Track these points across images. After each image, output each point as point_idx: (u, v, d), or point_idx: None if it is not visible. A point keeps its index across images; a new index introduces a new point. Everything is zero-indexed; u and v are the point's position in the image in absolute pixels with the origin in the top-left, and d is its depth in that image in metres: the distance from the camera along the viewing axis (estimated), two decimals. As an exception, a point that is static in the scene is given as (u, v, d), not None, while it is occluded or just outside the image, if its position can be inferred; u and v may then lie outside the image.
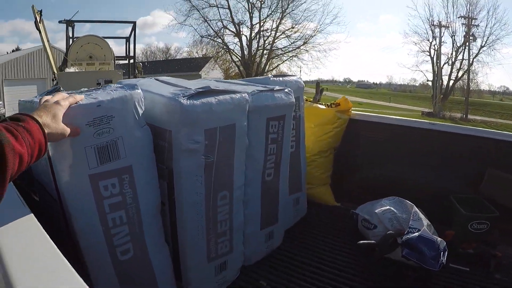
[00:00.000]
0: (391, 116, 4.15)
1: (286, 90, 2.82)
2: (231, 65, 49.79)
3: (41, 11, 8.93)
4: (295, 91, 3.21)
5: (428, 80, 49.00)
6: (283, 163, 2.97)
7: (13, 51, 50.51)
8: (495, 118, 43.76)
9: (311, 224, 3.65)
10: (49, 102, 1.56)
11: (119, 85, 2.05)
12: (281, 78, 3.25)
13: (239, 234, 2.72)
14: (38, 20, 8.83)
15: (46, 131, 1.36)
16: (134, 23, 11.41)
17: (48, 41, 9.28)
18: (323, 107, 4.15)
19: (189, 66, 48.50)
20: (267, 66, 44.42)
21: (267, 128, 2.71)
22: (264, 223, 2.94)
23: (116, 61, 11.31)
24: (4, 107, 26.90)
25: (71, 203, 1.90)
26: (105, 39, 10.28)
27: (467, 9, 42.91)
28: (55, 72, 8.62)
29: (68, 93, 1.82)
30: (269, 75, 3.26)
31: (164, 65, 54.33)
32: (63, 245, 1.71)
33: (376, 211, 3.11)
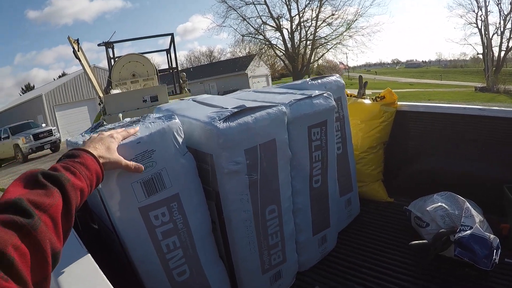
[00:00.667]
0: (437, 104, 4.01)
1: (325, 94, 2.78)
2: (276, 60, 49.86)
3: (78, 40, 9.11)
4: (335, 91, 3.19)
5: (478, 53, 47.78)
6: (330, 168, 2.94)
7: (59, 77, 52.13)
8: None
9: (365, 223, 3.60)
10: (104, 135, 1.67)
11: (157, 116, 2.12)
12: (319, 81, 3.19)
13: (291, 243, 2.71)
14: (77, 49, 9.01)
15: (101, 160, 1.48)
16: (172, 34, 11.52)
17: (89, 66, 9.49)
18: (368, 101, 4.08)
19: (234, 66, 48.95)
20: (313, 56, 44.19)
21: (309, 136, 2.67)
22: (316, 229, 2.93)
23: (161, 74, 11.46)
24: (59, 131, 27.69)
25: (125, 235, 2.00)
26: (146, 55, 10.44)
27: (511, -28, 41.37)
28: (101, 96, 8.78)
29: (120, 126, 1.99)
30: (307, 79, 3.22)
31: (209, 68, 55.02)
32: (125, 270, 1.99)
33: (427, 208, 3.02)
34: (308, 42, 43.18)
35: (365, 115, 3.98)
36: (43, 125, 27.80)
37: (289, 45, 43.41)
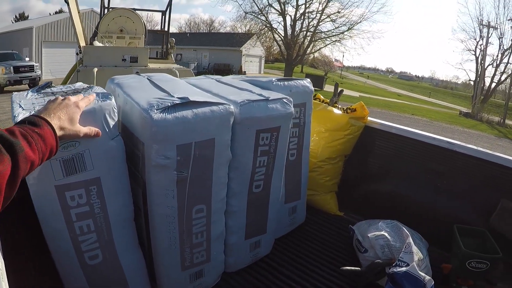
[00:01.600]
0: (410, 129, 3.91)
1: (284, 99, 2.65)
2: (273, 43, 49.82)
3: None
4: (301, 96, 3.10)
5: (470, 80, 48.38)
6: (276, 175, 2.83)
7: (56, 12, 51.09)
8: (535, 126, 42.88)
9: (307, 234, 3.51)
10: (69, 102, 1.63)
11: (96, 92, 2.07)
12: (285, 83, 3.06)
13: (218, 244, 2.63)
14: None
15: (60, 133, 1.48)
16: (171, -4, 11.26)
17: (78, 12, 9.18)
18: (338, 111, 3.95)
19: (230, 41, 48.77)
20: (310, 48, 44.17)
21: (256, 141, 2.55)
22: (249, 233, 2.84)
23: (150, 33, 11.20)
24: (41, 69, 27.14)
25: (40, 210, 1.97)
26: (139, 12, 10.18)
27: (518, 12, 41.83)
28: (81, 45, 8.54)
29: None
30: (273, 78, 3.07)
31: (206, 37, 54.71)
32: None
33: (369, 234, 2.97)
34: (308, 33, 43.02)
35: (331, 124, 3.87)
36: (27, 59, 27.21)
37: (289, 32, 43.23)
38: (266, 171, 2.72)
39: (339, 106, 4.05)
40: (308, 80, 3.29)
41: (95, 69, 6.84)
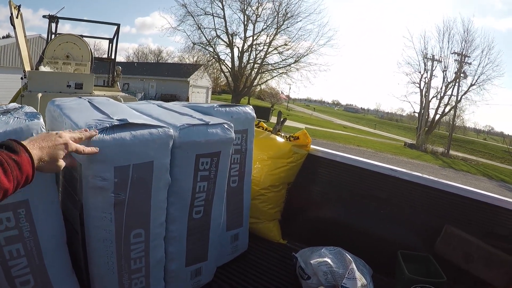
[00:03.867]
0: (352, 156, 3.97)
1: (224, 124, 2.65)
2: (220, 75, 50.12)
3: (19, 7, 8.69)
4: (242, 123, 3.10)
5: (415, 112, 49.70)
6: (217, 201, 2.80)
7: (3, 37, 50.04)
8: (477, 156, 44.51)
9: (250, 262, 3.48)
10: (59, 140, 1.58)
11: (25, 112, 2.04)
12: (227, 109, 3.07)
13: (158, 270, 2.56)
14: (15, 16, 8.58)
15: (39, 164, 1.44)
16: (118, 25, 11.19)
17: (25, 36, 9.02)
18: (281, 139, 3.98)
19: (178, 72, 48.75)
20: (257, 80, 44.65)
21: (196, 165, 2.53)
22: (190, 260, 2.78)
23: (96, 61, 11.09)
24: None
25: None
26: (86, 39, 10.06)
27: (461, 46, 43.97)
28: (26, 69, 8.38)
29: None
30: (214, 104, 3.07)
31: (154, 67, 54.49)
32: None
33: (312, 261, 2.96)
34: (256, 65, 43.56)
35: (274, 152, 3.88)
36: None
37: (236, 64, 43.65)
38: (207, 196, 2.69)
39: (282, 134, 4.07)
40: (250, 107, 3.31)
41: (39, 94, 6.70)
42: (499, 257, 3.12)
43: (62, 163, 1.58)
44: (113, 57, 11.54)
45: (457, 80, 44.09)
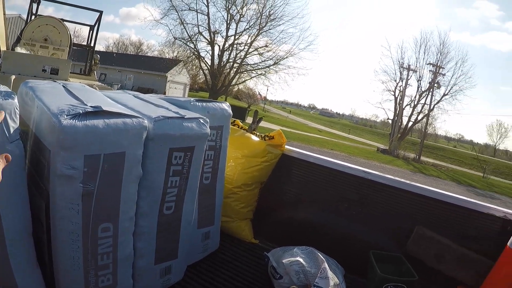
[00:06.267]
0: (326, 158, 3.96)
1: (200, 119, 2.60)
2: (199, 71, 49.93)
3: None
4: (218, 119, 3.07)
5: (388, 118, 50.35)
6: (189, 197, 2.74)
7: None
8: (447, 162, 45.59)
9: (221, 261, 3.43)
10: None
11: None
12: (204, 104, 3.03)
13: (126, 267, 2.47)
14: None
15: None
16: (101, 12, 11.07)
17: (4, 14, 8.83)
18: (256, 138, 3.95)
19: (157, 66, 48.39)
20: (235, 80, 44.64)
21: (169, 159, 2.47)
22: (159, 258, 2.71)
23: (75, 48, 10.92)
24: None
25: None
26: (66, 24, 9.87)
27: (436, 58, 45.21)
28: (1, 49, 8.20)
29: None
30: (191, 99, 3.02)
31: (132, 60, 54.12)
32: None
33: (283, 261, 2.94)
34: (235, 65, 43.49)
35: (248, 150, 3.84)
36: None
37: (216, 62, 43.52)
38: (178, 192, 2.63)
39: (257, 134, 4.03)
40: (227, 103, 3.27)
41: (13, 77, 6.57)
42: (470, 257, 3.22)
43: None
44: (92, 44, 11.40)
45: (431, 89, 45.20)
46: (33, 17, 10.15)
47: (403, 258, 3.21)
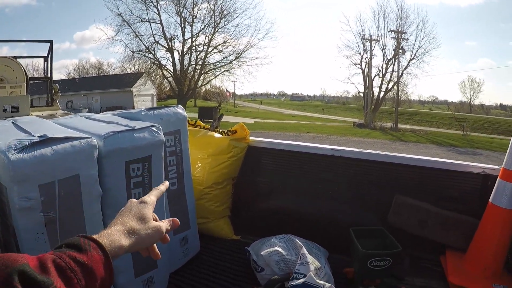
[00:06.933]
0: (292, 142, 3.99)
1: (152, 127, 2.62)
2: (163, 80, 49.77)
3: None
4: (173, 124, 3.08)
5: (360, 92, 50.35)
6: (156, 206, 2.70)
7: None
8: (424, 126, 45.90)
9: (204, 263, 3.44)
10: (132, 203, 1.21)
11: None
12: (155, 111, 3.04)
13: (106, 287, 2.45)
14: None
15: (127, 243, 1.03)
16: (51, 42, 10.95)
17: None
18: (218, 135, 3.96)
19: (120, 83, 48.15)
20: (200, 81, 44.58)
21: (127, 172, 2.49)
22: (139, 270, 2.72)
23: (32, 82, 10.82)
24: None
25: None
26: (18, 60, 9.79)
27: (397, 24, 45.01)
28: None
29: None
30: (142, 109, 3.03)
31: (95, 81, 53.67)
32: None
33: (262, 253, 2.95)
34: (198, 66, 43.42)
35: (213, 149, 3.86)
36: None
37: (178, 67, 43.41)
38: (144, 203, 2.62)
39: (220, 130, 4.05)
40: (181, 106, 3.28)
41: None
42: (454, 218, 3.22)
43: (160, 225, 1.18)
44: (49, 75, 11.29)
45: (397, 56, 45.05)
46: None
47: (385, 231, 3.14)
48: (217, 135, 3.98)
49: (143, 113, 2.96)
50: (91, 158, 2.22)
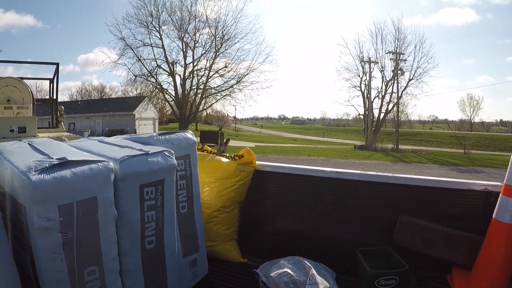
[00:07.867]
0: (298, 166, 4.05)
1: (165, 152, 2.68)
2: (165, 104, 49.96)
3: None
4: (184, 148, 3.13)
5: (360, 114, 50.45)
6: (168, 228, 2.79)
7: None
8: (425, 146, 46.05)
9: (212, 285, 3.47)
10: None
11: None
12: (166, 136, 3.09)
13: (118, 307, 2.52)
14: None
15: None
16: (57, 64, 11.06)
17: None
18: (226, 160, 4.03)
19: (123, 106, 48.36)
20: (201, 105, 44.73)
21: (141, 196, 2.54)
22: (149, 296, 2.75)
23: (38, 103, 10.89)
24: None
25: None
26: (26, 81, 9.87)
27: (395, 45, 45.47)
28: None
29: None
30: (154, 134, 3.09)
31: (98, 104, 53.96)
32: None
33: (272, 274, 2.96)
34: (199, 91, 43.64)
35: (220, 173, 3.91)
36: None
37: (179, 91, 43.67)
38: (157, 225, 2.69)
39: (227, 155, 4.11)
40: (190, 132, 3.34)
41: None
42: (458, 236, 3.24)
43: None
44: (54, 97, 11.37)
45: (395, 77, 45.45)
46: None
47: (391, 250, 3.23)
48: (224, 159, 4.04)
49: (155, 137, 3.02)
50: (108, 181, 2.28)
